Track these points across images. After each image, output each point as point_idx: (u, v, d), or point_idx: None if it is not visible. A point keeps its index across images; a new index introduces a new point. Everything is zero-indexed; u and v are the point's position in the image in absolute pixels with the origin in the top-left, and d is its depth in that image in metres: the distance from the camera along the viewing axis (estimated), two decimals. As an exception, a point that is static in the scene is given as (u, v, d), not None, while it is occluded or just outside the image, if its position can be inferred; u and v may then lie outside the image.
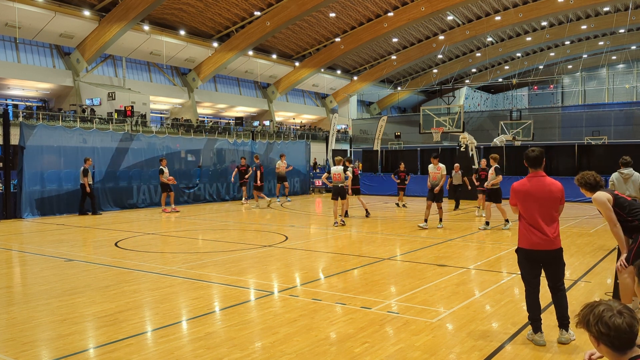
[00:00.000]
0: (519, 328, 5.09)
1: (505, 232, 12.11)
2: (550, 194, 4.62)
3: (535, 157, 4.67)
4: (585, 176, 5.27)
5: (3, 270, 8.20)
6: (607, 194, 5.12)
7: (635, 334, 2.31)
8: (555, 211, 4.67)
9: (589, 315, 2.37)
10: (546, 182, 4.67)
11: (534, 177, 4.69)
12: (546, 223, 4.61)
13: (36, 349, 4.60)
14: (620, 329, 2.29)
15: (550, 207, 4.63)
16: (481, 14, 46.84)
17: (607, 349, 2.35)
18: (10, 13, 31.88)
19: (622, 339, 2.29)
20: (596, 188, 5.21)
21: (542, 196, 4.61)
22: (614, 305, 2.36)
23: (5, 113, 16.13)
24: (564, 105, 55.73)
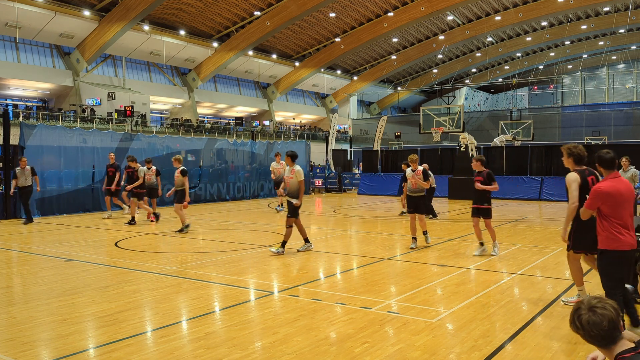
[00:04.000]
0: (519, 328, 5.09)
1: (505, 230, 12.10)
2: (633, 194, 4.67)
3: (612, 159, 4.68)
4: (577, 147, 5.79)
5: (3, 270, 8.20)
6: (578, 176, 5.55)
7: (605, 329, 2.30)
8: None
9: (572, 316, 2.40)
10: (626, 182, 4.71)
11: (615, 178, 4.66)
12: (632, 223, 4.67)
13: (36, 349, 4.59)
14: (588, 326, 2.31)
15: (633, 207, 4.71)
16: (481, 14, 46.84)
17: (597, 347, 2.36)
18: (10, 13, 31.89)
19: (593, 336, 2.31)
20: (581, 162, 5.72)
21: (630, 197, 4.62)
22: (589, 301, 2.36)
23: (5, 113, 16.12)
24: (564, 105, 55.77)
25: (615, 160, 4.71)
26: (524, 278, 7.30)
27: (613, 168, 4.68)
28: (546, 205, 19.64)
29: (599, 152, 4.74)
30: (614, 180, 4.62)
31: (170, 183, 19.49)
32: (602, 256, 4.66)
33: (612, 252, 4.57)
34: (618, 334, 2.32)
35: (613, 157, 4.68)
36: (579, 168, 5.75)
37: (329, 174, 28.73)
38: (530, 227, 13.04)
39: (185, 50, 42.28)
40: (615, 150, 5.14)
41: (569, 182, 5.56)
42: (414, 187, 9.93)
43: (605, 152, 4.68)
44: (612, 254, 4.58)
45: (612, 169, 4.68)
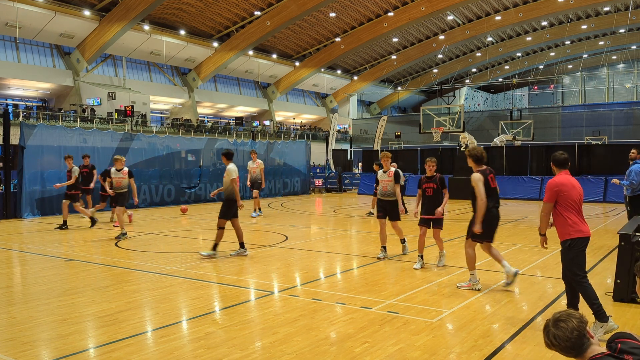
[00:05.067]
0: (519, 327, 5.09)
1: (505, 230, 12.10)
2: (581, 188, 5.13)
3: (565, 160, 5.10)
4: (476, 149, 6.58)
5: (3, 270, 8.20)
6: (482, 176, 6.32)
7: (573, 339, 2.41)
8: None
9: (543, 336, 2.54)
10: (573, 178, 5.16)
11: (566, 174, 5.07)
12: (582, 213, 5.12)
13: (36, 349, 4.59)
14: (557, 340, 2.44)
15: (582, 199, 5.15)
16: (481, 14, 46.84)
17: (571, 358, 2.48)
18: (10, 13, 31.88)
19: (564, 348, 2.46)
20: (481, 162, 6.50)
21: (580, 190, 5.07)
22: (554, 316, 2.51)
23: (5, 113, 16.13)
24: (564, 105, 55.77)
25: (568, 161, 5.12)
26: (524, 278, 7.30)
27: (565, 167, 5.09)
28: (546, 205, 19.63)
29: (554, 154, 5.16)
30: (564, 174, 5.04)
31: (170, 183, 19.53)
32: (570, 247, 4.94)
33: (578, 240, 4.90)
34: (587, 340, 2.43)
35: (566, 157, 5.10)
36: (480, 168, 6.41)
37: (329, 174, 28.74)
38: (530, 227, 13.04)
39: (185, 50, 42.28)
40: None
41: (474, 181, 6.27)
42: (385, 190, 8.66)
43: (560, 153, 5.12)
44: (578, 242, 4.91)
45: (565, 168, 5.08)
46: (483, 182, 6.27)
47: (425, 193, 7.89)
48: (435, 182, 7.81)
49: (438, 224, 7.88)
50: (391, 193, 8.61)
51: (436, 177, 7.84)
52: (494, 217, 6.46)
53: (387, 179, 8.69)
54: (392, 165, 9.45)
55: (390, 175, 8.68)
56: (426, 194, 7.87)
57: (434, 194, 7.83)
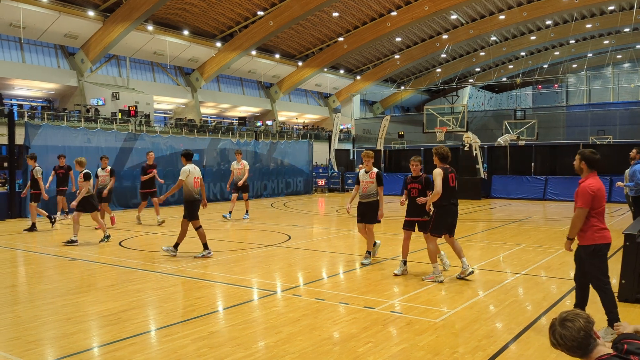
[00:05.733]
0: (523, 328, 5.07)
1: (509, 230, 12.08)
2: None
3: (599, 159, 4.89)
4: (442, 148, 7.11)
5: (8, 269, 8.23)
6: (442, 171, 6.90)
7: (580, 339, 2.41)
8: None
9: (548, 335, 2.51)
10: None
11: (596, 176, 4.88)
12: None
13: (41, 348, 4.61)
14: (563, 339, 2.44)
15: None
16: (485, 13, 46.73)
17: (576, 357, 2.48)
18: (14, 13, 32.00)
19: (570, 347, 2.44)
20: (445, 160, 7.06)
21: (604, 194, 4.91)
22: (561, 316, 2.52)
23: (10, 113, 16.20)
24: (568, 105, 55.55)
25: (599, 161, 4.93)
26: (528, 278, 7.28)
27: (597, 168, 4.88)
28: (550, 205, 19.57)
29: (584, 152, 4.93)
30: (596, 176, 4.86)
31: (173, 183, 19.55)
32: (594, 252, 4.79)
33: (602, 246, 4.79)
34: (593, 341, 2.43)
35: (599, 157, 4.93)
36: (443, 165, 7.04)
37: (332, 174, 28.73)
38: (535, 227, 13.00)
39: (188, 50, 42.34)
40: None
41: (435, 175, 6.92)
42: (365, 192, 8.23)
43: (593, 152, 4.91)
44: (603, 248, 4.80)
45: (596, 169, 4.88)
46: (442, 177, 6.87)
47: (410, 194, 7.38)
48: (421, 182, 7.34)
49: (423, 228, 7.23)
50: (371, 194, 8.17)
51: (422, 177, 7.37)
52: (450, 212, 7.04)
53: (368, 180, 8.21)
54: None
55: (372, 176, 8.20)
56: (411, 194, 7.35)
57: (419, 195, 7.28)
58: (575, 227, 4.83)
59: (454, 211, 7.11)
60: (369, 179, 8.21)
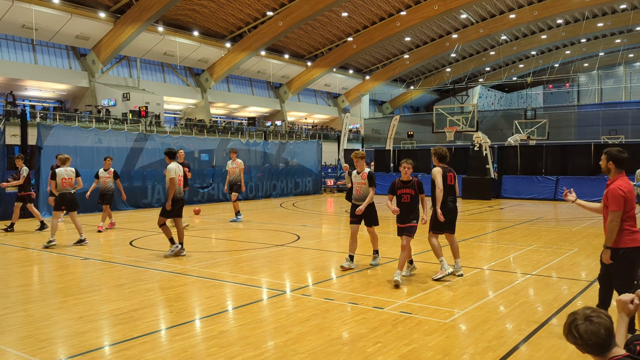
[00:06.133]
0: (533, 329, 5.04)
1: (519, 231, 12.00)
2: None
3: (627, 158, 4.69)
4: (441, 149, 7.33)
5: (21, 268, 8.33)
6: (441, 170, 7.10)
7: (602, 337, 2.40)
8: None
9: (564, 327, 2.47)
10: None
11: (624, 177, 4.70)
12: None
13: (53, 346, 4.66)
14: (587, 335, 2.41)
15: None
16: (495, 12, 46.47)
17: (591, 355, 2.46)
18: (27, 15, 32.36)
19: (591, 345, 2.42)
20: (443, 160, 7.26)
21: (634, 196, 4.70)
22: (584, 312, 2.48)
23: (23, 114, 16.41)
24: (579, 104, 55.08)
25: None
26: (538, 279, 7.23)
27: (624, 168, 4.75)
28: (561, 205, 19.41)
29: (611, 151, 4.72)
30: (625, 178, 4.69)
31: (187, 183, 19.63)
32: (623, 256, 4.53)
33: (633, 249, 4.52)
34: (613, 341, 2.43)
35: (627, 156, 4.74)
36: (442, 165, 7.24)
37: (341, 174, 28.72)
38: (545, 227, 12.91)
39: (198, 51, 42.56)
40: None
41: (434, 174, 7.10)
42: (358, 194, 7.92)
43: (620, 151, 4.68)
44: (633, 251, 4.53)
45: (624, 169, 4.74)
46: (442, 176, 7.08)
47: (400, 200, 6.94)
48: (413, 187, 6.89)
49: (409, 232, 6.91)
50: (366, 196, 7.82)
51: (413, 181, 6.91)
52: (449, 210, 7.15)
53: (360, 181, 7.86)
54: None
55: (364, 177, 7.82)
56: (402, 200, 6.93)
57: (411, 201, 6.91)
58: (613, 232, 4.53)
59: (452, 207, 7.24)
60: (361, 180, 7.86)
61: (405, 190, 6.93)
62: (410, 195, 6.91)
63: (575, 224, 13.30)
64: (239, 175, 13.74)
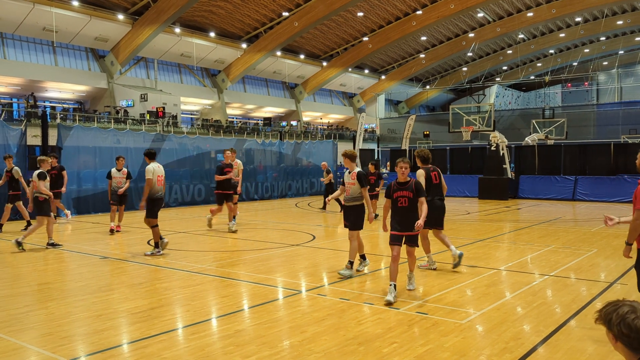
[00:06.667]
0: (551, 330, 4.99)
1: (537, 231, 11.87)
2: None
3: None
4: (423, 151, 7.74)
5: (42, 267, 8.48)
6: (424, 172, 7.50)
7: None
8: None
9: (612, 314, 2.44)
10: None
11: None
12: None
13: (73, 344, 4.75)
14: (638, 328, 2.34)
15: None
16: (512, 11, 45.96)
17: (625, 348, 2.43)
18: (47, 17, 32.92)
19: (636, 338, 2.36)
20: (427, 162, 7.63)
21: None
22: (637, 306, 2.42)
23: (43, 115, 16.70)
24: (599, 103, 54.23)
25: None
26: (556, 280, 7.15)
27: None
28: (580, 205, 19.15)
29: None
30: None
31: (200, 183, 19.82)
32: None
33: None
34: None
35: None
36: (425, 166, 7.62)
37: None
38: (564, 227, 12.75)
39: (215, 52, 42.84)
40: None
41: (418, 175, 7.44)
42: (348, 194, 7.46)
43: None
44: None
45: None
46: (425, 177, 7.45)
47: (397, 204, 6.22)
48: (411, 189, 6.17)
49: (413, 241, 6.25)
50: (356, 197, 7.38)
51: (411, 183, 6.21)
52: (436, 207, 7.47)
53: (350, 182, 7.41)
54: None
55: (354, 177, 7.36)
56: (398, 204, 6.21)
57: (409, 204, 6.17)
58: (636, 231, 4.46)
59: (439, 205, 7.58)
60: (351, 180, 7.40)
61: (402, 193, 6.19)
62: (408, 199, 6.16)
63: (595, 225, 13.11)
64: (238, 176, 13.11)
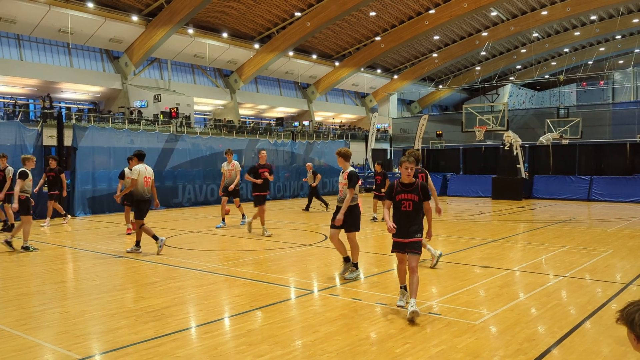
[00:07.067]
0: (566, 332, 4.94)
1: (551, 232, 11.74)
2: None
3: None
4: (413, 152, 6.85)
5: (58, 265, 8.59)
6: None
7: None
8: None
9: (635, 314, 2.43)
10: None
11: None
12: None
13: (88, 342, 4.80)
14: None
15: None
16: (527, 9, 45.55)
17: None
18: (63, 19, 33.36)
19: None
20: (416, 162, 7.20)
21: None
22: None
23: (59, 115, 16.93)
24: (614, 102, 53.48)
25: None
26: (571, 281, 7.07)
27: None
28: (596, 205, 18.92)
29: None
30: None
31: (213, 183, 19.94)
32: None
33: None
34: None
35: None
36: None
37: (369, 174, 28.62)
38: (579, 228, 12.60)
39: (227, 52, 43.06)
40: None
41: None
42: (341, 194, 7.18)
43: None
44: None
45: None
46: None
47: (400, 207, 5.49)
48: (416, 191, 5.44)
49: (415, 249, 5.47)
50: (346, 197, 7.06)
51: (417, 184, 5.48)
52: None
53: (342, 182, 7.12)
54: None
55: (345, 177, 7.05)
56: (402, 208, 5.48)
57: (414, 209, 5.45)
58: None
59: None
60: (343, 180, 7.09)
61: (406, 195, 5.45)
62: (413, 202, 5.43)
63: (610, 225, 12.94)
64: (235, 178, 12.81)
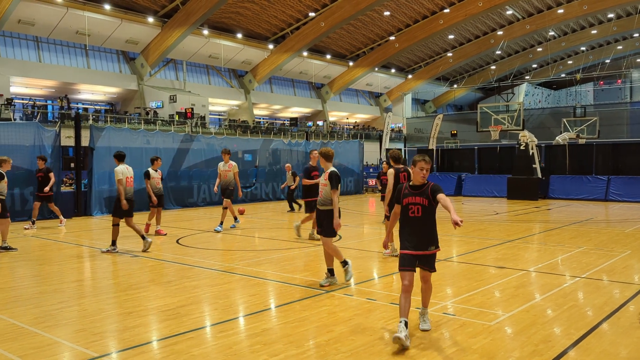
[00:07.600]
0: (583, 333, 4.89)
1: (568, 232, 11.61)
2: None
3: None
4: (394, 151, 8.57)
5: (75, 264, 8.72)
6: (394, 171, 8.38)
7: None
8: None
9: None
10: None
11: None
12: None
13: (105, 340, 4.87)
14: None
15: None
16: (542, 8, 45.04)
17: None
18: (80, 21, 33.82)
19: None
20: (398, 162, 8.49)
21: None
22: None
23: (76, 116, 17.16)
24: (632, 101, 52.63)
25: None
26: (588, 282, 6.99)
27: None
28: (613, 206, 18.65)
29: None
30: None
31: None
32: None
33: None
34: None
35: None
36: (396, 166, 8.34)
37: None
38: (596, 228, 12.44)
39: (242, 53, 43.28)
40: None
41: (388, 175, 8.45)
42: (321, 196, 6.78)
43: None
44: None
45: None
46: (394, 176, 8.22)
47: (407, 212, 4.74)
48: (426, 195, 4.66)
49: (429, 264, 4.81)
50: (327, 200, 6.68)
51: (427, 187, 4.69)
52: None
53: (323, 183, 6.75)
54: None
55: (326, 177, 6.67)
56: (409, 214, 4.73)
57: (424, 215, 4.69)
58: None
59: None
60: (324, 180, 6.72)
61: (414, 199, 4.71)
62: (422, 207, 4.68)
63: (628, 226, 12.75)
64: (232, 179, 12.50)
